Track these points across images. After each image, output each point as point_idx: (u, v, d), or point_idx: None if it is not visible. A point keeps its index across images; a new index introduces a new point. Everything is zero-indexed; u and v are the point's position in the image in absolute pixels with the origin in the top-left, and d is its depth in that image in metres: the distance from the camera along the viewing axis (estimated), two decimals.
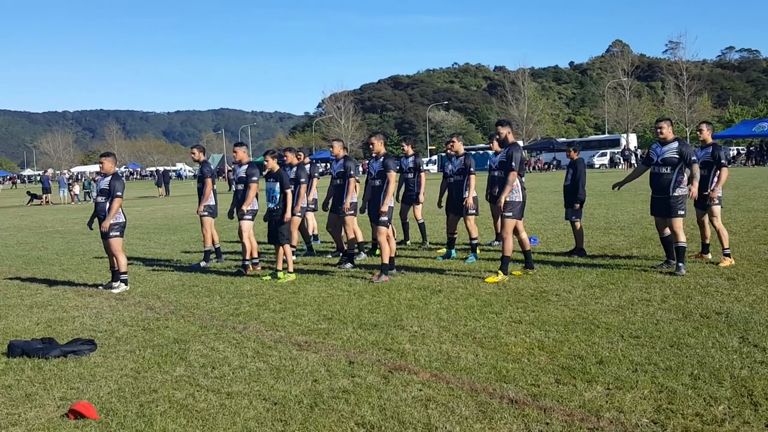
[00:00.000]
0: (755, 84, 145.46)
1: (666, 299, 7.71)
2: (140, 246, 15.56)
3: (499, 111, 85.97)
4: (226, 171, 62.38)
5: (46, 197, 42.75)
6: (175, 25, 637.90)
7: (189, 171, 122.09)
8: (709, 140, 10.30)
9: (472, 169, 11.54)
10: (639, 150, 65.44)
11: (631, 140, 73.82)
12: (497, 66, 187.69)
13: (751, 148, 58.28)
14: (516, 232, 9.77)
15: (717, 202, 9.94)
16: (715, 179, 9.93)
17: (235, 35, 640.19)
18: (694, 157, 9.41)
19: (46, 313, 8.72)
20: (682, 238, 9.31)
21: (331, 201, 11.71)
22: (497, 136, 9.89)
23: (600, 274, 9.37)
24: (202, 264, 12.02)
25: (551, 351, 5.98)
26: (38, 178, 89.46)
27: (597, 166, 64.86)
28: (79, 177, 54.76)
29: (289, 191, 10.23)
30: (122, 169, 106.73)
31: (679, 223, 9.32)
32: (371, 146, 10.25)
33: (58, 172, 73.59)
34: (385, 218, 9.92)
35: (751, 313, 6.93)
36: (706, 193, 9.86)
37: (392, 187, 9.95)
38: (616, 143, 71.51)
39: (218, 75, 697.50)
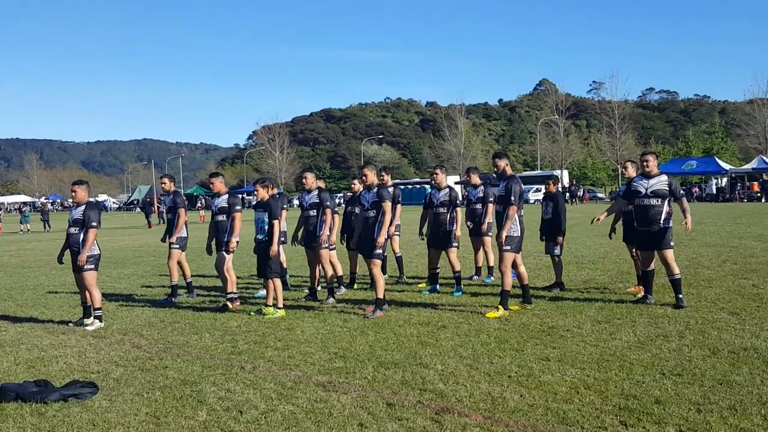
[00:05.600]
0: (674, 124, 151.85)
1: (683, 335, 7.59)
2: None
3: (434, 146, 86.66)
4: (156, 203, 60.82)
5: None
6: (93, 52, 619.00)
7: (113, 203, 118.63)
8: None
9: (457, 203, 11.39)
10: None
11: (563, 177, 75.65)
12: (429, 101, 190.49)
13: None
14: (514, 265, 9.61)
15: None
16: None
17: (158, 65, 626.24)
18: (682, 191, 9.53)
19: (21, 352, 7.99)
20: (676, 269, 9.32)
21: (301, 234, 11.24)
22: (495, 170, 9.69)
23: (600, 309, 9.26)
24: (172, 299, 11.38)
25: (599, 390, 5.74)
26: None
27: (532, 201, 66.00)
28: None
29: (276, 222, 9.80)
30: (42, 200, 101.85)
31: (671, 254, 9.34)
32: (364, 177, 9.93)
33: None
34: (379, 251, 9.60)
35: None
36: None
37: (388, 217, 9.62)
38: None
39: (140, 104, 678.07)
